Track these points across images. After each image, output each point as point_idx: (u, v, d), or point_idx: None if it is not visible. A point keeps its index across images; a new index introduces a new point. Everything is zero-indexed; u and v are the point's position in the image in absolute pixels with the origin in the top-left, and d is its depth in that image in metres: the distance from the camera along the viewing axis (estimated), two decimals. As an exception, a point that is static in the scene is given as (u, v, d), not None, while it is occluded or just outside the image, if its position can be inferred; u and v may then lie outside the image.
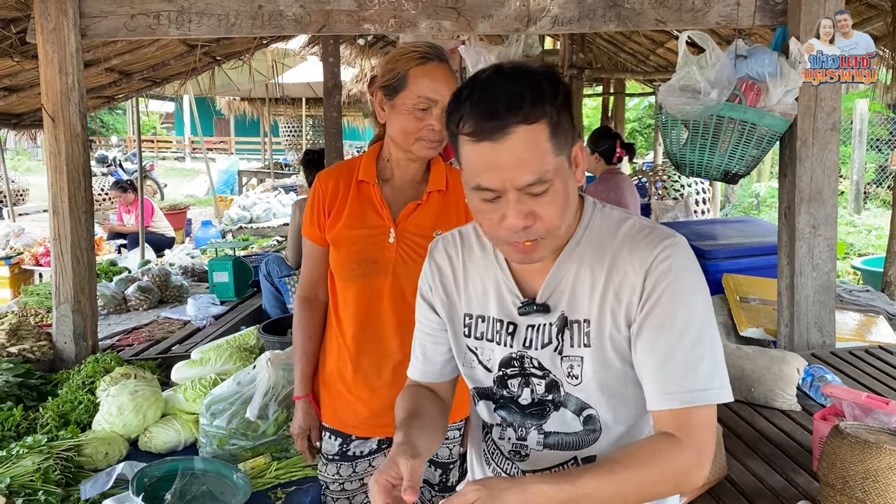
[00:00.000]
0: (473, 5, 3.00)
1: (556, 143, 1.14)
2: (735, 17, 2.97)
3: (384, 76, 1.80)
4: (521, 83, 1.14)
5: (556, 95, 1.14)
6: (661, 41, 6.56)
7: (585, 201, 1.30)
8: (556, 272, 1.26)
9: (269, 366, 2.47)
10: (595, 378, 1.25)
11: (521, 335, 1.30)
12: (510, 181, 1.13)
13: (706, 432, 1.17)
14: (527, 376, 1.30)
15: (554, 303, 1.27)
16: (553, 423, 1.30)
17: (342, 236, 1.87)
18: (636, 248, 1.21)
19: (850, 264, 7.44)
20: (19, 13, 3.41)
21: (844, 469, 1.54)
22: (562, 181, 1.16)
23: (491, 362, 1.34)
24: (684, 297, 1.19)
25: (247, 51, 5.45)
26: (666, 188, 7.61)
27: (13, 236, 7.75)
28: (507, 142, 1.11)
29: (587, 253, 1.25)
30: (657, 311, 1.18)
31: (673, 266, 1.19)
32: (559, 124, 1.14)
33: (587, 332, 1.24)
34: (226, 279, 5.43)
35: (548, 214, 1.16)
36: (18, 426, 2.55)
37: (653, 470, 1.12)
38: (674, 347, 1.17)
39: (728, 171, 3.01)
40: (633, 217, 1.28)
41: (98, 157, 16.25)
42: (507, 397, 1.33)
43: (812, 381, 2.45)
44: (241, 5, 3.02)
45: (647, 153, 14.12)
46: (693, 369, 1.16)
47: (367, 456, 1.99)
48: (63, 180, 3.09)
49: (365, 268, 1.85)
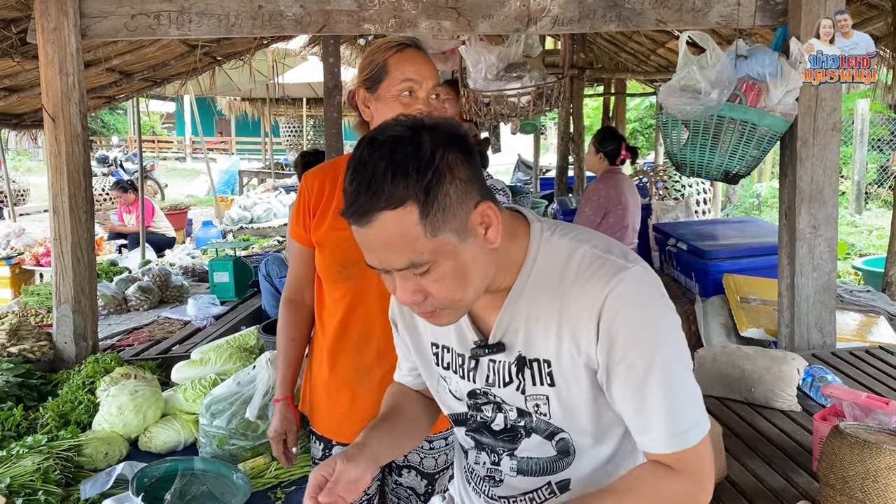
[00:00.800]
0: (473, 5, 3.00)
1: (431, 224, 1.04)
2: (735, 17, 2.97)
3: (363, 71, 1.78)
4: (388, 160, 1.03)
5: (425, 171, 1.03)
6: (661, 41, 6.56)
7: (531, 229, 1.21)
8: (506, 313, 1.20)
9: (269, 366, 2.47)
10: (563, 415, 1.21)
11: (483, 371, 1.26)
12: (386, 263, 1.08)
13: (703, 460, 1.14)
14: (497, 404, 1.28)
15: (509, 341, 1.21)
16: (525, 449, 1.27)
17: (327, 237, 1.84)
18: (586, 286, 1.13)
19: (851, 264, 7.44)
20: (20, 13, 3.41)
21: (844, 469, 1.54)
22: (448, 258, 1.07)
23: (459, 392, 1.31)
24: (644, 334, 1.11)
25: (247, 51, 5.45)
26: (667, 188, 7.61)
27: (14, 236, 7.76)
28: (371, 227, 1.05)
29: (536, 290, 1.18)
30: (619, 357, 1.11)
31: (627, 303, 1.11)
32: (432, 202, 1.03)
33: (549, 373, 1.19)
34: (226, 279, 5.43)
35: (437, 291, 1.10)
36: (19, 426, 2.55)
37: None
38: (645, 394, 1.11)
39: (728, 172, 3.01)
40: (584, 245, 1.18)
41: (99, 157, 16.26)
42: (481, 422, 1.31)
43: (812, 382, 2.45)
44: (241, 5, 3.02)
45: (648, 153, 14.12)
46: (670, 414, 1.12)
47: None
48: (63, 180, 3.09)
49: (350, 270, 1.82)
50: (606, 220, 4.52)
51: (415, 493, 1.97)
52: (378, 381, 1.85)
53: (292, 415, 1.99)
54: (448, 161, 1.06)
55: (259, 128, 16.03)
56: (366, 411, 1.83)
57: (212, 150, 21.84)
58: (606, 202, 4.55)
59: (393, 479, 2.01)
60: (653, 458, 1.16)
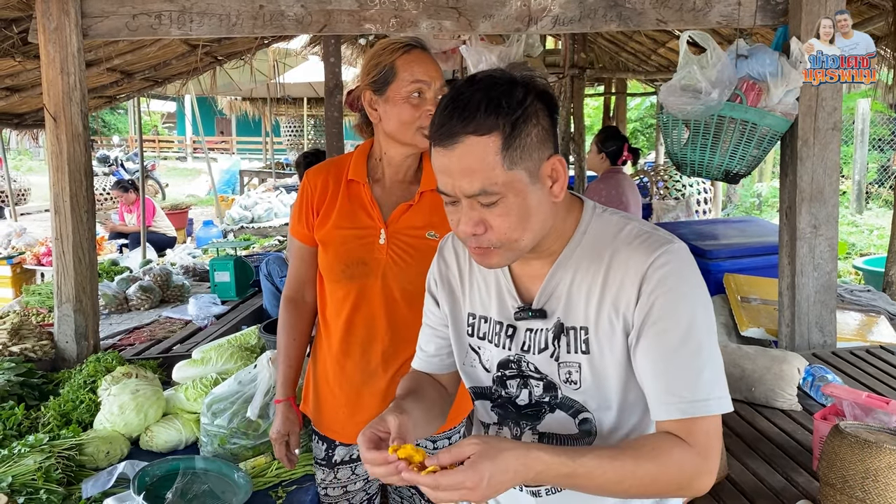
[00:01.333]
0: (474, 5, 3.00)
1: (510, 157, 1.12)
2: (736, 16, 2.97)
3: (370, 73, 1.77)
4: (484, 93, 1.13)
5: (516, 108, 1.12)
6: (662, 41, 6.56)
7: (585, 205, 1.28)
8: (552, 278, 1.25)
9: (270, 365, 2.47)
10: (593, 384, 1.24)
11: (520, 338, 1.29)
12: (458, 188, 1.14)
13: (711, 439, 1.16)
14: (525, 377, 1.30)
15: (550, 309, 1.26)
16: (547, 425, 1.30)
17: (331, 236, 1.84)
18: (632, 254, 1.19)
19: (852, 264, 7.44)
20: (21, 13, 3.41)
21: (844, 468, 1.54)
22: (517, 195, 1.14)
23: (490, 363, 1.34)
24: (682, 304, 1.16)
25: (248, 51, 5.45)
26: (667, 188, 7.61)
27: (15, 236, 7.78)
28: (455, 150, 1.12)
29: (584, 259, 1.23)
30: (654, 320, 1.16)
31: (670, 273, 1.16)
32: (516, 137, 1.12)
33: (585, 340, 1.23)
34: (227, 279, 5.43)
35: (499, 226, 1.15)
36: (20, 425, 2.55)
37: (656, 465, 1.11)
38: (673, 356, 1.15)
39: (729, 171, 3.01)
40: (633, 221, 1.25)
41: (99, 156, 16.29)
42: (506, 397, 1.33)
43: (813, 381, 2.45)
44: (242, 5, 3.03)
45: (649, 153, 14.13)
46: (694, 379, 1.14)
47: (348, 463, 1.97)
48: (65, 180, 3.09)
49: (354, 269, 1.81)
50: (607, 219, 4.51)
51: (418, 492, 1.97)
52: (384, 384, 1.85)
53: (295, 415, 1.98)
54: (536, 107, 1.15)
55: (260, 127, 16.04)
56: (370, 412, 1.82)
57: (213, 150, 21.86)
58: (607, 202, 4.55)
59: None
60: (663, 429, 1.17)
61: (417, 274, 1.73)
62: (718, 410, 1.15)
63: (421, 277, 1.50)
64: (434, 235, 1.80)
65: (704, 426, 1.15)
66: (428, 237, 1.80)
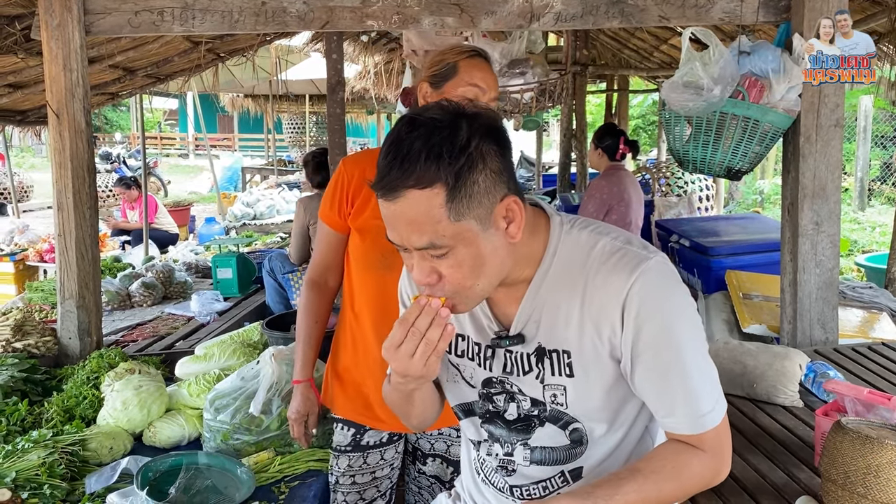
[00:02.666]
0: (477, 2, 3.00)
1: (456, 209, 1.07)
2: (738, 13, 2.97)
3: (432, 67, 1.82)
4: (424, 141, 1.06)
5: (458, 156, 1.05)
6: (664, 38, 6.55)
7: (551, 223, 1.24)
8: (529, 303, 1.22)
9: (273, 361, 2.47)
10: (580, 404, 1.23)
11: (501, 360, 1.28)
12: (406, 241, 1.11)
13: (722, 438, 1.19)
14: (511, 393, 1.29)
15: (529, 333, 1.24)
16: (539, 439, 1.29)
17: (369, 225, 1.86)
18: (609, 276, 1.16)
19: (854, 261, 7.43)
20: (23, 10, 3.42)
21: (846, 464, 1.54)
22: (468, 245, 1.10)
23: (473, 380, 1.32)
24: (669, 324, 1.15)
25: (250, 47, 5.45)
26: (669, 185, 7.60)
27: (18, 233, 7.79)
28: (398, 203, 1.08)
29: (557, 282, 1.20)
30: (645, 346, 1.15)
31: (650, 294, 1.14)
32: (461, 188, 1.06)
33: (568, 364, 1.21)
34: (229, 275, 5.45)
35: (451, 276, 1.12)
36: (24, 421, 2.56)
37: (679, 483, 1.15)
38: (671, 378, 1.16)
39: (731, 168, 3.01)
40: (604, 237, 1.21)
41: (102, 153, 16.31)
42: (493, 412, 1.32)
43: (814, 378, 2.45)
44: (244, 2, 3.02)
45: (651, 150, 14.11)
46: (696, 397, 1.16)
47: (377, 447, 1.99)
48: (68, 176, 3.09)
49: (390, 259, 1.83)
50: (609, 216, 4.52)
51: (438, 480, 2.01)
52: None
53: (314, 396, 2.02)
54: (482, 150, 1.08)
55: (262, 124, 16.07)
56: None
57: (215, 147, 21.86)
58: (609, 199, 4.55)
59: (416, 468, 2.05)
60: (675, 437, 1.19)
61: None
62: (721, 414, 1.18)
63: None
64: None
65: (713, 433, 1.18)
66: None
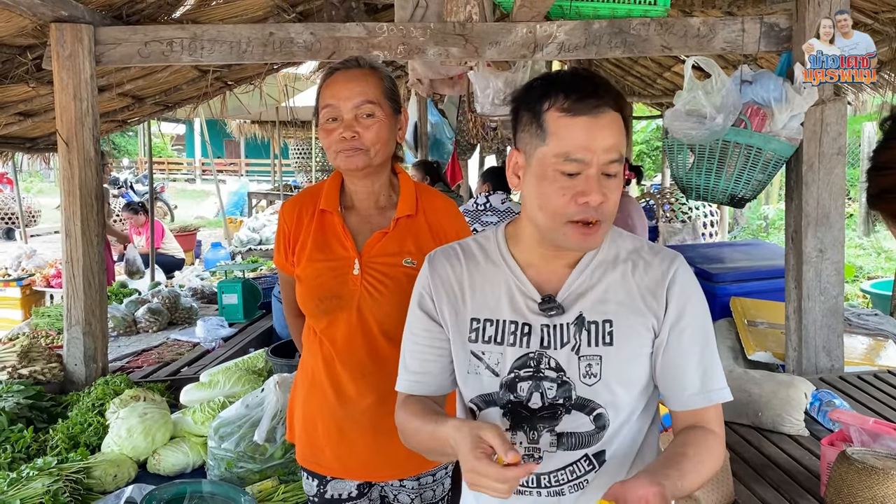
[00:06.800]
0: (481, 32, 3.04)
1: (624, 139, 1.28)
2: (740, 43, 3.00)
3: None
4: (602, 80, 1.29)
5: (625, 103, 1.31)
6: (668, 65, 6.60)
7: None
8: (577, 277, 1.35)
9: (277, 389, 2.48)
10: (612, 376, 1.31)
11: (538, 335, 1.33)
12: (598, 155, 1.24)
13: (721, 420, 1.36)
14: (538, 379, 1.32)
15: (571, 304, 1.33)
16: (565, 425, 1.33)
17: (305, 271, 1.78)
18: (654, 261, 1.35)
19: (860, 287, 7.41)
20: (35, 40, 3.48)
21: (852, 495, 1.54)
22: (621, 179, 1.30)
23: (500, 366, 1.35)
24: (700, 308, 1.35)
25: (258, 75, 5.51)
26: (674, 211, 7.61)
27: (25, 258, 7.82)
28: (602, 119, 1.24)
29: (605, 263, 1.36)
30: (685, 323, 1.32)
31: (688, 281, 1.34)
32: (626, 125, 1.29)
33: (610, 332, 1.31)
34: (235, 301, 5.45)
35: (614, 198, 1.28)
36: (29, 448, 2.57)
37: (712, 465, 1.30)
38: (703, 353, 1.32)
39: (734, 195, 3.02)
40: (645, 241, 1.42)
41: (110, 179, 16.38)
42: (515, 401, 1.34)
43: (820, 406, 2.44)
44: (252, 32, 3.07)
45: (655, 176, 14.14)
46: (716, 370, 1.33)
47: (345, 500, 1.86)
48: (76, 204, 3.12)
49: (328, 304, 1.75)
50: (613, 242, 4.52)
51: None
52: (368, 419, 1.77)
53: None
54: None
55: (268, 150, 16.16)
56: (356, 447, 1.78)
57: (221, 172, 22.01)
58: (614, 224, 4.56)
59: None
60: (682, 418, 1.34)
61: (393, 306, 1.69)
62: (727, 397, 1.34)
63: (397, 310, 1.46)
64: (411, 262, 1.74)
65: (717, 410, 1.34)
66: (405, 265, 1.75)
